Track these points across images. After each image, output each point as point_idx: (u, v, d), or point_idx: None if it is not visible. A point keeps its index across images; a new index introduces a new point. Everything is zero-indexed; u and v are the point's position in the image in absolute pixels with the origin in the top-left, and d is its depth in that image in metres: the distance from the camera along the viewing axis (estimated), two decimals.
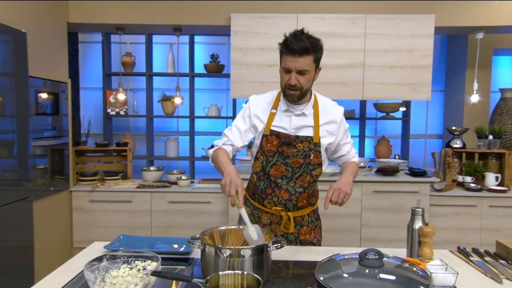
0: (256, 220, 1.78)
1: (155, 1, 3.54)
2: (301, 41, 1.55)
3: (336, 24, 3.45)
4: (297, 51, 1.55)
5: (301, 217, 1.78)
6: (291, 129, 1.70)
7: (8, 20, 2.68)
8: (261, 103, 1.77)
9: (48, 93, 3.21)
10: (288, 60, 1.59)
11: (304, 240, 1.79)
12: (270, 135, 1.71)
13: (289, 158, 1.70)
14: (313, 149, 1.70)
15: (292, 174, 1.70)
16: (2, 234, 2.57)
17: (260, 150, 1.73)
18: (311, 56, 1.59)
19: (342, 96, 3.51)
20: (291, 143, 1.69)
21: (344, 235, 3.45)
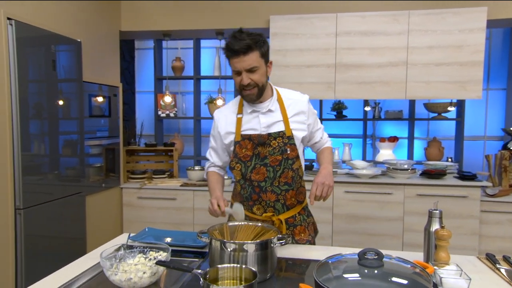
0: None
1: (198, 7, 3.69)
2: (242, 40, 1.53)
3: (377, 22, 3.36)
4: (240, 50, 1.53)
5: (292, 217, 1.75)
6: (262, 128, 1.68)
7: (65, 31, 2.96)
8: (225, 115, 1.77)
9: (101, 97, 3.49)
10: (234, 62, 1.57)
11: (300, 240, 1.76)
12: (242, 140, 1.69)
13: (266, 158, 1.67)
14: (287, 143, 1.67)
15: (274, 173, 1.67)
16: (58, 225, 2.84)
17: (235, 158, 1.71)
18: (256, 52, 1.56)
19: (384, 95, 3.40)
20: (265, 142, 1.67)
21: (385, 239, 3.34)
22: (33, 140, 2.63)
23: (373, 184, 3.32)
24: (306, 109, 1.73)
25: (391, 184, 3.31)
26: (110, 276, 1.24)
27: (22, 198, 2.52)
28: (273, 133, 1.67)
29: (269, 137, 1.66)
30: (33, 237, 2.61)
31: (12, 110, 2.48)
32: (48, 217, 2.74)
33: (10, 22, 2.46)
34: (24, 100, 2.53)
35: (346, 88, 3.45)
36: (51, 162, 2.81)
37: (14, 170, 2.50)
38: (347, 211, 3.37)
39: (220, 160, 1.84)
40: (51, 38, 2.78)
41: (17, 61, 2.47)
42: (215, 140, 1.80)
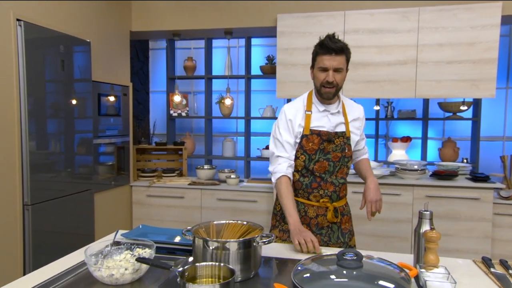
0: (303, 214, 1.86)
1: (207, 7, 3.71)
2: (337, 42, 1.71)
3: (386, 19, 3.29)
4: (334, 50, 1.70)
5: (342, 206, 1.91)
6: (331, 127, 1.83)
7: (75, 32, 3.03)
8: (297, 110, 1.87)
9: (111, 96, 3.55)
10: (325, 59, 1.72)
11: (344, 229, 1.91)
12: (310, 135, 1.82)
13: (329, 153, 1.83)
14: (346, 143, 1.85)
15: (333, 168, 1.84)
16: (66, 221, 2.91)
17: (300, 149, 1.84)
18: (345, 56, 1.75)
19: (392, 94, 3.33)
20: (332, 139, 1.82)
21: (393, 241, 3.27)
22: (42, 138, 2.70)
23: (381, 185, 3.25)
24: (362, 116, 1.96)
25: (400, 185, 3.24)
26: (94, 272, 1.26)
27: (30, 194, 2.60)
28: (338, 132, 1.85)
29: (335, 135, 1.83)
30: (41, 233, 2.68)
31: (20, 109, 2.55)
32: (56, 214, 2.81)
33: (19, 23, 2.54)
34: (32, 99, 2.60)
35: (353, 87, 3.39)
36: (59, 160, 2.88)
37: (22, 167, 2.57)
38: (354, 212, 3.29)
39: (293, 153, 1.85)
40: (60, 38, 2.85)
41: (25, 62, 2.55)
42: (289, 133, 1.84)
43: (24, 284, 1.24)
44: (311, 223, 1.86)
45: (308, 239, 1.57)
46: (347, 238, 1.91)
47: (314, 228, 1.86)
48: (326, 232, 1.87)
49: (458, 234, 3.14)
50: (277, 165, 1.83)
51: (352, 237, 1.95)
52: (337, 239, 1.88)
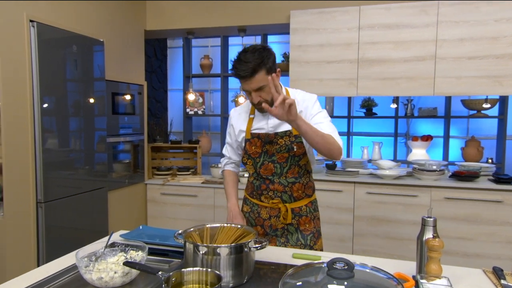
0: (256, 215, 1.84)
1: (220, 5, 3.69)
2: (247, 63, 1.56)
3: (403, 14, 3.16)
4: (245, 76, 1.57)
5: (299, 207, 1.80)
6: (269, 128, 1.76)
7: (89, 31, 3.07)
8: (240, 114, 1.87)
9: (126, 95, 3.58)
10: (242, 83, 1.63)
11: (305, 230, 1.80)
12: (252, 139, 1.79)
13: (274, 155, 1.76)
14: (294, 141, 1.73)
15: (281, 169, 1.76)
16: (79, 218, 2.95)
17: (245, 154, 1.82)
18: (262, 71, 1.58)
19: (409, 92, 3.21)
20: (272, 140, 1.75)
21: (409, 244, 3.16)
22: (55, 137, 2.75)
23: (397, 186, 3.15)
24: (309, 105, 1.75)
25: (417, 186, 3.12)
26: (84, 275, 1.25)
27: (43, 192, 2.65)
28: (280, 132, 1.75)
29: (276, 136, 1.74)
30: (54, 229, 2.73)
31: (34, 108, 2.60)
32: (69, 211, 2.86)
33: (32, 24, 2.58)
34: (45, 98, 2.65)
35: (369, 84, 3.29)
36: (72, 158, 2.92)
37: (35, 165, 2.63)
38: (369, 213, 3.22)
39: (235, 154, 1.94)
40: (73, 38, 2.88)
41: (39, 62, 2.59)
42: (230, 136, 1.91)
43: (16, 285, 1.25)
44: (264, 225, 1.81)
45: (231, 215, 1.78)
46: (309, 240, 1.79)
47: (268, 229, 1.80)
48: (281, 233, 1.79)
49: (479, 238, 2.99)
50: (222, 163, 2.00)
51: (318, 240, 1.82)
52: (296, 240, 1.79)
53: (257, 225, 1.82)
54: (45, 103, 2.64)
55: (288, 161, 1.74)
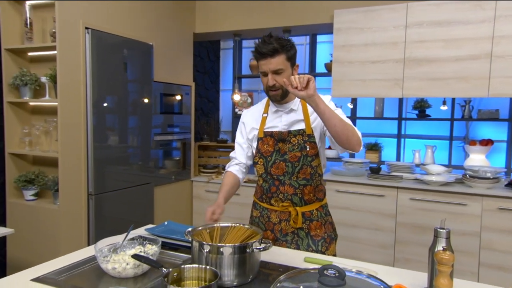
0: (266, 220, 1.81)
1: (266, 7, 3.72)
2: (270, 44, 1.61)
3: (455, 9, 2.96)
4: (267, 53, 1.61)
5: (309, 211, 1.77)
6: (283, 126, 1.76)
7: (138, 36, 3.27)
8: (253, 113, 1.87)
9: (172, 95, 3.76)
10: (261, 63, 1.66)
11: (315, 236, 1.77)
12: (264, 137, 1.78)
13: (286, 154, 1.74)
14: (307, 140, 1.72)
15: (292, 169, 1.73)
16: (126, 210, 3.16)
17: (258, 153, 1.80)
18: (283, 55, 1.63)
19: (460, 93, 3.00)
20: (285, 139, 1.74)
21: (457, 256, 2.93)
22: (104, 135, 2.97)
23: (444, 193, 2.97)
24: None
25: (466, 194, 2.91)
26: (101, 264, 1.36)
27: (94, 185, 2.88)
28: (293, 130, 1.74)
29: (289, 134, 1.74)
30: (103, 219, 2.95)
31: (87, 107, 2.83)
32: (117, 203, 3.08)
33: (87, 31, 2.81)
34: (97, 98, 2.87)
35: (415, 85, 3.12)
36: (121, 155, 3.13)
37: (87, 161, 2.86)
38: (412, 220, 3.07)
39: (243, 155, 1.88)
40: (124, 43, 3.09)
41: (92, 65, 2.82)
42: (242, 135, 1.89)
43: (45, 268, 1.38)
44: (274, 229, 1.78)
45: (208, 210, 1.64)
46: (321, 246, 1.75)
47: (278, 234, 1.77)
48: (292, 239, 1.76)
49: None
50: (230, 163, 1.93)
51: (330, 245, 1.78)
52: (307, 246, 1.75)
53: (267, 230, 1.80)
54: (96, 103, 2.87)
55: (300, 161, 1.72)
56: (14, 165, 2.94)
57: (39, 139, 2.94)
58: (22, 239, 2.89)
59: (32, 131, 2.95)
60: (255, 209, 1.89)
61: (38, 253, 2.83)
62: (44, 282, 1.27)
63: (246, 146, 1.87)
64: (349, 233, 3.24)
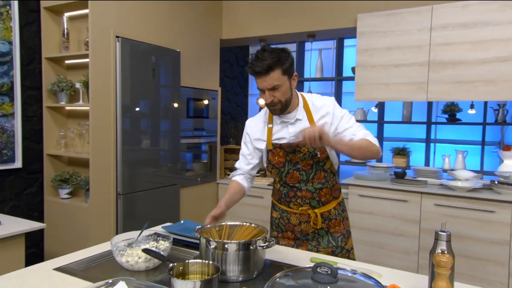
0: (286, 221, 1.84)
1: (289, 12, 3.78)
2: (263, 60, 1.57)
3: (482, 11, 2.88)
4: (261, 72, 1.57)
5: (328, 211, 1.80)
6: (291, 137, 1.74)
7: (166, 43, 3.41)
8: (257, 124, 1.85)
9: (199, 100, 3.88)
10: (257, 81, 1.63)
11: (334, 232, 1.82)
12: (274, 149, 1.77)
13: (298, 163, 1.75)
14: (317, 147, 1.69)
15: (307, 176, 1.75)
16: (153, 210, 3.30)
17: (269, 164, 1.81)
18: (278, 70, 1.58)
19: (487, 96, 2.91)
20: (295, 150, 1.73)
21: (486, 265, 2.85)
22: (134, 137, 3.12)
23: (471, 199, 2.88)
24: (331, 110, 1.74)
25: (495, 200, 2.81)
26: (116, 257, 1.45)
27: (122, 185, 3.03)
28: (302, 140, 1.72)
29: (298, 145, 1.72)
30: (130, 218, 3.10)
31: (116, 111, 2.99)
32: (144, 203, 3.22)
33: (117, 39, 2.98)
34: (126, 103, 3.03)
35: (440, 88, 3.06)
36: (148, 157, 3.28)
37: (116, 162, 3.02)
38: (437, 226, 2.97)
39: (247, 165, 1.89)
40: (152, 50, 3.24)
41: (121, 71, 2.98)
42: (246, 146, 1.89)
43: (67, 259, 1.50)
44: (295, 230, 1.81)
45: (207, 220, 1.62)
46: (340, 241, 1.81)
47: (298, 235, 1.81)
48: (312, 237, 1.80)
49: None
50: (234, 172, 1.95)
51: (348, 239, 1.84)
52: (327, 243, 1.79)
53: (287, 231, 1.84)
54: (126, 108, 3.02)
55: (313, 168, 1.74)
56: (51, 166, 3.15)
57: (74, 141, 3.13)
58: (57, 234, 3.08)
59: (67, 134, 3.15)
60: (275, 210, 1.92)
61: (71, 248, 2.98)
62: (64, 272, 1.38)
63: (250, 158, 1.87)
64: (372, 238, 3.21)
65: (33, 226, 2.05)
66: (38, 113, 3.09)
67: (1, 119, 2.86)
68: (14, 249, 2.01)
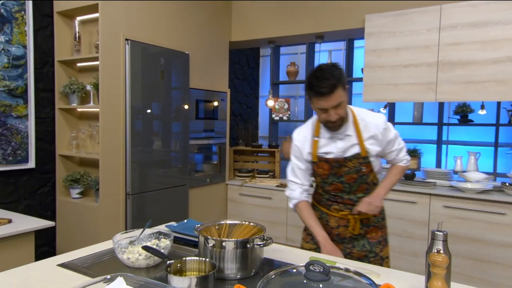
0: (324, 223, 1.85)
1: (298, 14, 3.78)
2: (326, 80, 1.54)
3: (492, 10, 2.84)
4: (326, 92, 1.55)
5: (367, 218, 1.81)
6: (339, 152, 1.74)
7: (174, 45, 3.46)
8: (305, 136, 1.82)
9: (208, 102, 3.92)
10: (320, 102, 1.59)
11: (371, 238, 1.82)
12: (319, 162, 1.77)
13: (342, 176, 1.76)
14: (363, 162, 1.74)
15: (349, 188, 1.78)
16: (162, 210, 3.34)
17: (313, 172, 1.84)
18: (340, 87, 1.58)
19: (498, 97, 2.86)
20: (341, 164, 1.74)
21: (496, 268, 2.80)
22: (142, 138, 3.17)
23: (481, 201, 2.83)
24: (379, 131, 1.75)
25: (506, 202, 2.76)
26: (118, 254, 1.48)
27: (131, 185, 3.08)
28: (349, 156, 1.74)
29: (345, 160, 1.74)
30: (139, 217, 3.15)
31: (126, 113, 3.04)
32: (153, 203, 3.26)
33: (127, 42, 3.04)
34: (136, 105, 3.08)
35: (450, 89, 3.02)
36: (157, 158, 3.32)
37: (125, 163, 3.07)
38: (446, 228, 2.93)
39: (307, 181, 1.85)
40: (161, 52, 3.29)
41: (130, 73, 3.03)
42: (300, 160, 1.83)
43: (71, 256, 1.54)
44: (332, 232, 1.82)
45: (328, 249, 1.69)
46: (375, 247, 1.81)
47: (335, 237, 1.82)
48: (348, 241, 1.82)
49: None
50: (291, 191, 1.86)
51: (384, 247, 1.83)
52: (362, 247, 1.81)
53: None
54: (135, 110, 3.07)
55: (357, 181, 1.76)
56: (63, 166, 3.23)
57: (85, 142, 3.20)
58: (68, 233, 3.15)
59: (79, 135, 3.22)
60: (314, 209, 1.91)
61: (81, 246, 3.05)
62: (68, 268, 1.42)
63: (307, 171, 1.83)
64: None
65: (42, 224, 2.11)
66: (51, 115, 3.17)
67: (16, 121, 2.94)
68: (24, 246, 2.07)
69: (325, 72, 1.56)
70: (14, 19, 2.91)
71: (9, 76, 2.90)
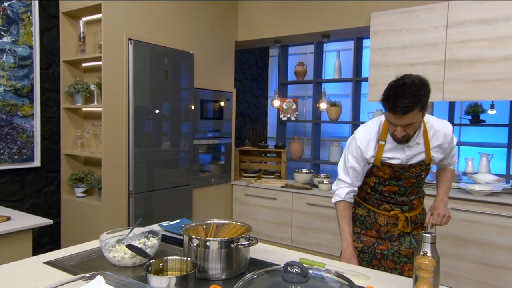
0: (372, 220, 1.86)
1: (303, 13, 3.74)
2: (403, 99, 1.47)
3: (502, 6, 2.74)
4: (398, 112, 1.50)
5: (415, 216, 1.84)
6: (405, 159, 1.73)
7: (179, 45, 3.46)
8: (370, 138, 1.74)
9: (213, 102, 3.90)
10: (391, 117, 1.55)
11: (417, 235, 1.84)
12: (381, 166, 1.74)
13: (401, 180, 1.76)
14: (424, 169, 1.76)
15: (404, 191, 1.79)
16: (165, 209, 3.34)
17: (372, 172, 1.79)
18: (416, 109, 1.50)
19: (508, 96, 2.75)
20: (405, 170, 1.74)
21: (505, 273, 2.70)
22: (145, 138, 3.18)
23: (490, 203, 2.74)
24: (446, 141, 1.76)
25: None
26: (104, 252, 1.48)
27: (134, 184, 3.09)
28: (414, 163, 1.74)
29: (410, 167, 1.73)
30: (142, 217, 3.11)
31: (129, 113, 3.06)
32: (156, 203, 3.27)
33: (130, 42, 3.05)
34: (139, 104, 3.09)
35: (457, 88, 2.93)
36: (160, 157, 3.32)
37: (128, 162, 3.08)
38: (453, 231, 2.87)
39: (358, 181, 1.81)
40: (165, 52, 3.29)
41: (134, 73, 3.04)
42: (358, 162, 1.77)
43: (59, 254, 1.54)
44: (380, 230, 1.82)
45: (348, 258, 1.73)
46: None
47: (383, 235, 1.82)
48: (396, 238, 1.82)
49: None
50: (338, 188, 1.84)
51: None
52: (409, 244, 1.82)
53: (372, 229, 1.85)
54: (138, 109, 3.08)
55: (413, 185, 1.78)
56: (68, 165, 3.26)
57: (89, 141, 3.23)
58: (73, 232, 3.18)
59: (83, 134, 3.25)
60: (360, 207, 1.90)
61: None
62: (53, 266, 1.41)
63: (362, 172, 1.79)
64: None
65: (40, 222, 2.12)
66: (56, 114, 3.21)
67: (21, 120, 2.98)
68: (22, 243, 2.09)
69: (406, 91, 1.47)
70: (21, 20, 2.96)
71: (15, 76, 2.95)
